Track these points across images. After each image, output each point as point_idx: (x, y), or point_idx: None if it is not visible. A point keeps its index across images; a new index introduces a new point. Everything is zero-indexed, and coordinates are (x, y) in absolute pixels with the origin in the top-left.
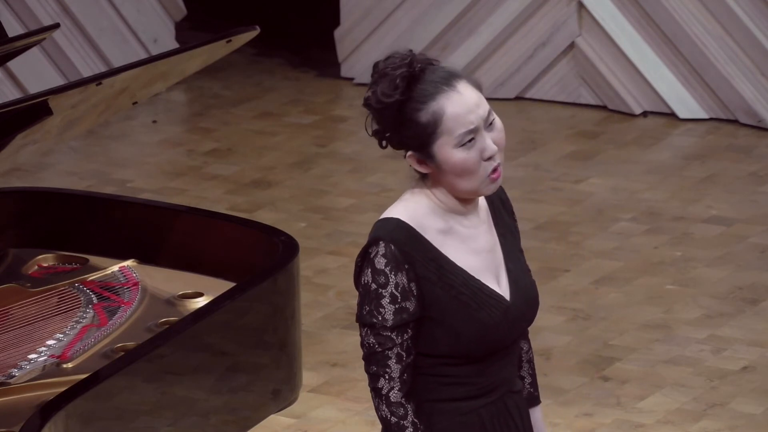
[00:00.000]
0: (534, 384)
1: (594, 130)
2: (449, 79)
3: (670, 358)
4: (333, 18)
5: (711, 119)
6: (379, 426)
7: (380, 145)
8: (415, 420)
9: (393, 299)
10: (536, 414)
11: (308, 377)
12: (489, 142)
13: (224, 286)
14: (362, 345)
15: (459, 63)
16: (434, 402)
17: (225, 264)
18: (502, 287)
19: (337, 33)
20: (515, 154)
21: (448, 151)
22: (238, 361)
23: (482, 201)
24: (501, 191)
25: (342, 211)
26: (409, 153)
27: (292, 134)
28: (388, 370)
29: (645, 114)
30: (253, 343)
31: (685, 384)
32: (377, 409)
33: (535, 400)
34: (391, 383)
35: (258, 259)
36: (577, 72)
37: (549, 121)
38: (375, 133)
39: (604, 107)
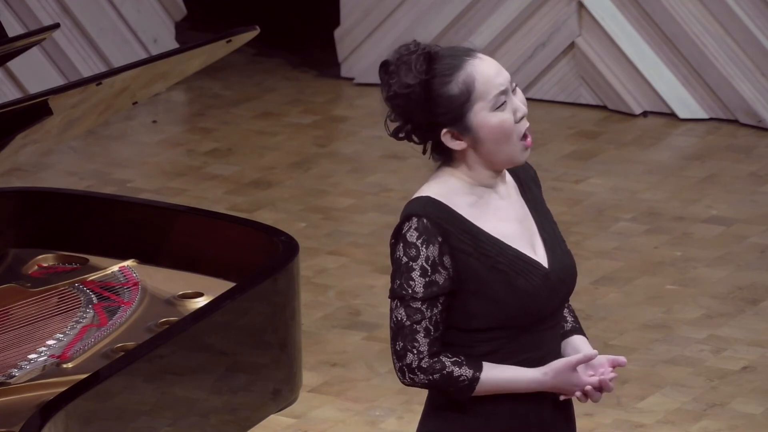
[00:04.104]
0: (576, 321)
1: (594, 130)
2: (467, 51)
3: (670, 358)
4: (333, 18)
5: (711, 119)
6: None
7: (408, 139)
8: (457, 359)
9: (423, 272)
10: (575, 339)
11: (308, 377)
12: (518, 103)
13: (224, 286)
14: (391, 321)
15: None
16: None
17: (225, 264)
18: (539, 255)
19: (337, 33)
20: None
21: (484, 116)
22: (238, 361)
23: (509, 178)
24: (530, 169)
25: (342, 211)
26: (444, 131)
27: (292, 134)
28: (416, 344)
29: (645, 114)
30: (253, 343)
31: (685, 384)
32: (414, 384)
33: (577, 332)
34: (420, 356)
35: (258, 259)
36: (577, 72)
37: (549, 121)
38: (396, 131)
39: (604, 107)
